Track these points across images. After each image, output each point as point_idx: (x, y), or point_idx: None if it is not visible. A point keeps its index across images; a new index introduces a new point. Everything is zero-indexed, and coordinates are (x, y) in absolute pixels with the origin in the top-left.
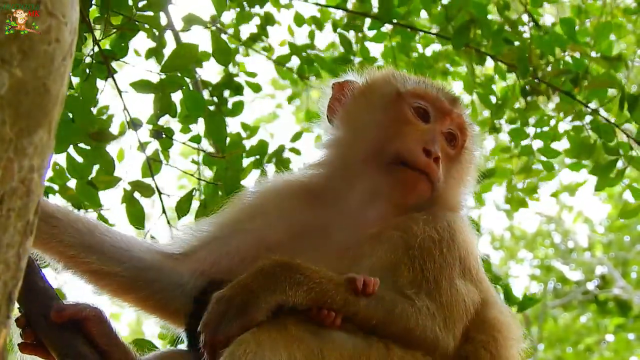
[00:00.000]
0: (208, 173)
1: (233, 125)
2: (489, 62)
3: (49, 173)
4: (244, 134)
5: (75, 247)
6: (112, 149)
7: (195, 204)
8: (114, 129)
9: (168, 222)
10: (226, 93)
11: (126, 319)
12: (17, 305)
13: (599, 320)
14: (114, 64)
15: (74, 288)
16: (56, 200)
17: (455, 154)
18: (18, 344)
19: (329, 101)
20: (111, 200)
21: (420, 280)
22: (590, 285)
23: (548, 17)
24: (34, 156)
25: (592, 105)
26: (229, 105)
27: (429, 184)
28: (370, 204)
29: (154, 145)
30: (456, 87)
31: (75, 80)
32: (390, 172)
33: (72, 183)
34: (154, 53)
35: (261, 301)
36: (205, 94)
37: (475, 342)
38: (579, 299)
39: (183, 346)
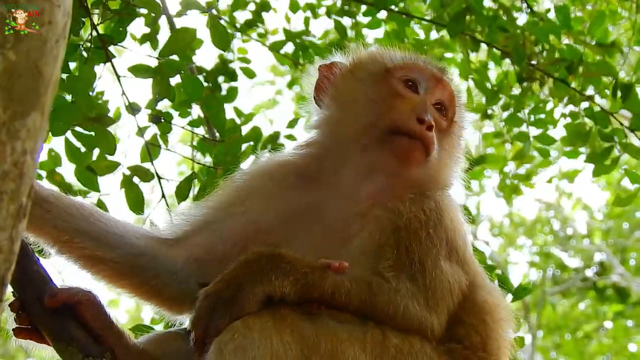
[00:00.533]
0: (206, 159)
1: (227, 111)
2: (483, 50)
3: (44, 158)
4: (238, 120)
5: (69, 232)
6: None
7: (194, 189)
8: (112, 114)
9: (167, 207)
10: (220, 79)
11: (125, 306)
12: (11, 289)
13: (597, 307)
14: (112, 49)
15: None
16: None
17: (446, 127)
18: (12, 329)
19: (316, 82)
20: (110, 185)
21: (403, 262)
22: (589, 272)
23: (543, 4)
24: (27, 139)
25: (587, 92)
26: (224, 92)
27: (423, 151)
28: (363, 180)
29: (153, 130)
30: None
31: (73, 66)
32: (386, 142)
33: (63, 169)
34: (148, 38)
35: (249, 293)
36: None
37: (466, 325)
38: (578, 286)
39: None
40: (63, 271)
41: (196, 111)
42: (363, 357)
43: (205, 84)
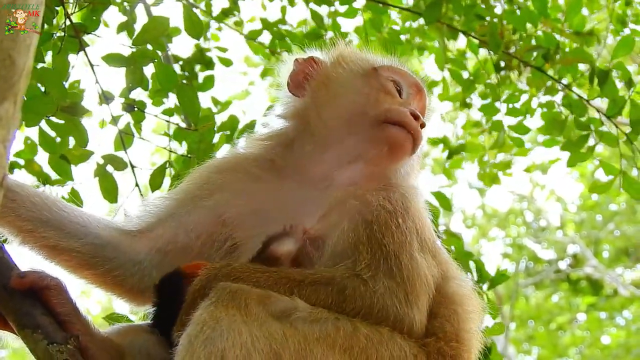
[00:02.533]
0: (180, 148)
1: (204, 100)
2: (461, 39)
3: (20, 147)
4: (214, 109)
5: (32, 222)
6: (85, 122)
7: (168, 178)
8: (86, 102)
9: (141, 196)
10: (197, 68)
11: (97, 296)
12: None
13: (570, 299)
14: (85, 38)
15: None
16: (22, 175)
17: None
18: None
19: (293, 74)
20: (84, 174)
21: (379, 258)
22: (562, 264)
23: None
24: None
25: (564, 81)
26: (200, 80)
27: (412, 145)
28: (339, 169)
29: (126, 118)
30: (428, 62)
31: (47, 55)
32: (377, 130)
33: (40, 158)
34: (125, 27)
35: None
36: (176, 69)
37: (440, 317)
38: (551, 278)
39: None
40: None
41: (172, 100)
42: (331, 353)
43: (182, 73)
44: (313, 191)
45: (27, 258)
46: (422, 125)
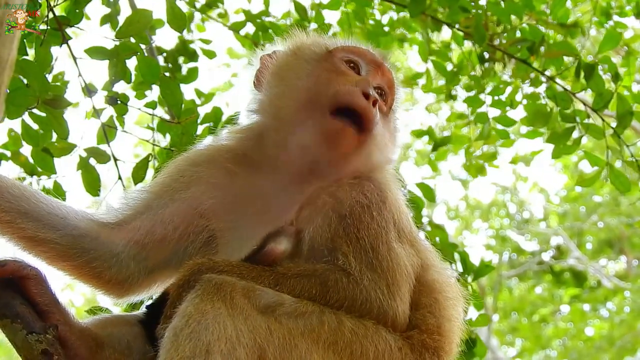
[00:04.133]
0: (163, 141)
1: (187, 92)
2: (446, 30)
3: (4, 139)
4: (198, 101)
5: (11, 213)
6: (68, 115)
7: (151, 171)
8: (69, 95)
9: (124, 189)
10: (181, 59)
11: (80, 289)
12: None
13: (554, 290)
14: (68, 31)
15: None
16: (8, 167)
17: (385, 112)
18: None
19: (257, 71)
20: (66, 167)
21: (358, 251)
22: (546, 256)
23: None
24: None
25: (548, 73)
26: (184, 72)
27: (355, 137)
28: (304, 164)
29: (109, 111)
30: (412, 54)
31: (30, 49)
32: (324, 121)
33: (26, 150)
34: (109, 19)
35: None
36: (160, 60)
37: (421, 307)
38: (534, 270)
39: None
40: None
41: (155, 93)
42: (315, 348)
43: (165, 65)
44: (287, 185)
45: (6, 249)
46: (375, 102)
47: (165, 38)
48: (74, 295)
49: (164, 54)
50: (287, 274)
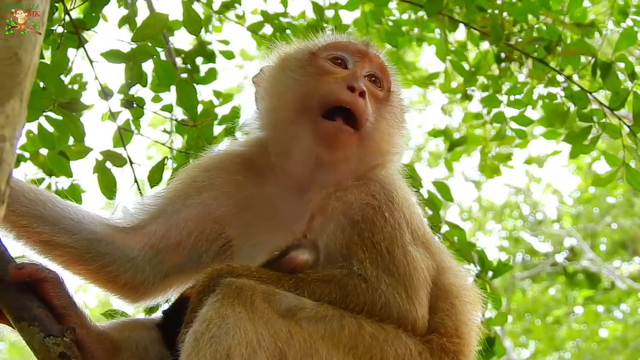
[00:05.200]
0: (178, 143)
1: (205, 93)
2: (462, 30)
3: (23, 140)
4: (216, 102)
5: (27, 217)
6: (85, 118)
7: (167, 173)
8: (85, 98)
9: (140, 192)
10: (199, 60)
11: (94, 291)
12: None
13: (567, 292)
14: (85, 34)
15: None
16: (27, 168)
17: (383, 97)
18: None
19: (255, 93)
20: (83, 170)
21: (374, 256)
22: (559, 257)
23: None
24: (5, 126)
25: (566, 72)
26: (202, 73)
27: (351, 134)
28: (307, 170)
29: (125, 114)
30: (427, 55)
31: (47, 51)
32: (316, 126)
33: (44, 150)
34: (127, 21)
35: None
36: (178, 62)
37: (439, 311)
38: (548, 271)
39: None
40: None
41: (171, 96)
42: (336, 352)
43: (183, 66)
44: (295, 193)
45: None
46: (362, 93)
47: (183, 39)
48: (88, 297)
49: (182, 55)
50: (307, 279)
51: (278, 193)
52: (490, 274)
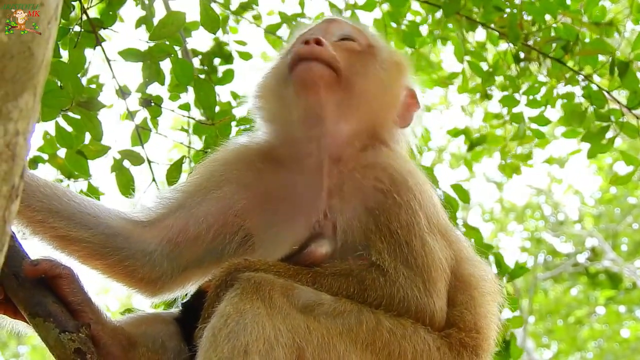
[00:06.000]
0: (196, 143)
1: (223, 94)
2: (480, 32)
3: (40, 142)
4: (234, 103)
5: (43, 212)
6: (102, 118)
7: (185, 174)
8: (103, 98)
9: (158, 192)
10: (216, 61)
11: (115, 293)
12: None
13: (589, 292)
14: (102, 33)
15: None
16: (45, 169)
17: (362, 49)
18: None
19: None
20: (101, 169)
21: (393, 247)
22: (581, 258)
23: None
24: (19, 120)
25: (584, 72)
26: (219, 74)
27: (322, 66)
28: (305, 133)
29: (143, 114)
30: (448, 54)
31: (64, 51)
32: (289, 81)
33: (62, 152)
34: (144, 21)
35: None
36: (196, 63)
37: (458, 304)
38: (569, 272)
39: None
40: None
41: (190, 95)
42: (353, 348)
43: (201, 67)
44: (311, 174)
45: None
46: (317, 41)
47: (201, 40)
48: (109, 299)
49: (200, 56)
50: (325, 273)
51: (295, 178)
52: (506, 276)
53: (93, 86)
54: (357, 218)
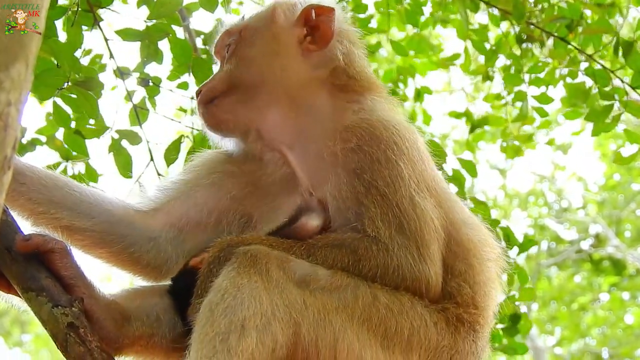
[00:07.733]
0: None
1: None
2: (483, 15)
3: (41, 124)
4: None
5: (44, 204)
6: (101, 99)
7: (183, 154)
8: (102, 78)
9: (157, 172)
10: None
11: (119, 281)
12: None
13: (593, 279)
14: (100, 13)
15: None
16: (43, 151)
17: (237, 41)
18: None
19: None
20: (99, 152)
21: (386, 211)
22: (584, 244)
23: None
24: (11, 90)
25: (587, 51)
26: None
27: (208, 105)
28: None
29: (141, 93)
30: (450, 34)
31: (61, 31)
32: None
33: (60, 134)
34: (145, 2)
35: None
36: (199, 43)
37: (456, 274)
38: (573, 258)
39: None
40: None
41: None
42: (349, 324)
43: (203, 47)
44: (279, 169)
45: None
46: (198, 93)
47: (203, 20)
48: (113, 286)
49: (202, 36)
50: (318, 245)
51: (272, 172)
52: (515, 249)
53: (95, 68)
54: (344, 183)
